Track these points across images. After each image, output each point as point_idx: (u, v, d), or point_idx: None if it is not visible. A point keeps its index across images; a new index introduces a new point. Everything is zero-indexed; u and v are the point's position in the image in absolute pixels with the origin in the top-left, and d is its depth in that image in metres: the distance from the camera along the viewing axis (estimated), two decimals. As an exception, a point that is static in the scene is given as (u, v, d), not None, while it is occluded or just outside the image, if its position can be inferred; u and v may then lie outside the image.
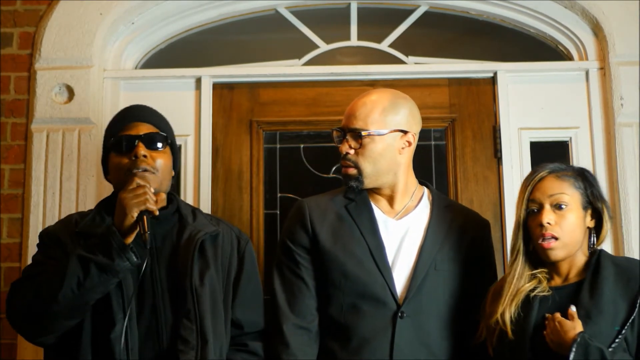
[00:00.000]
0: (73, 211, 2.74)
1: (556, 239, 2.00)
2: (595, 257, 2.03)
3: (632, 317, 1.91)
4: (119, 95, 2.99)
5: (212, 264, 2.11)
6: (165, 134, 2.17)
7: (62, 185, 2.81)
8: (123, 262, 1.92)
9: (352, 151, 2.17)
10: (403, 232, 2.19)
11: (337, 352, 2.11)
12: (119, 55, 3.02)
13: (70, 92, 2.87)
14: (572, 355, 1.83)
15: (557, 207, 2.02)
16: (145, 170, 2.08)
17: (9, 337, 2.71)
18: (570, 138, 2.93)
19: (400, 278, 2.13)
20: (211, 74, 3.00)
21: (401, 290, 2.12)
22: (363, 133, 2.15)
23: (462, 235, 2.22)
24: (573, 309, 1.93)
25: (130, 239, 1.95)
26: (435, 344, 2.11)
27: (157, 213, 1.98)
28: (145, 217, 1.94)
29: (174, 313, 2.02)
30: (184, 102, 2.98)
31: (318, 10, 3.15)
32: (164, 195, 2.16)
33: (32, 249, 2.73)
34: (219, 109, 2.99)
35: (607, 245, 2.79)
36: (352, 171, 2.18)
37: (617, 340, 1.89)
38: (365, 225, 2.18)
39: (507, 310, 1.99)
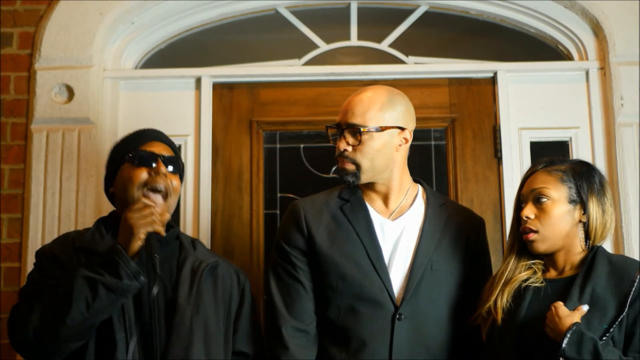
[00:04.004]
0: (73, 211, 2.76)
1: (535, 232, 2.03)
2: (592, 254, 2.04)
3: (621, 317, 1.91)
4: (119, 95, 2.98)
5: (212, 296, 2.10)
6: (180, 161, 2.18)
7: (62, 185, 2.81)
8: (131, 281, 1.89)
9: (349, 148, 2.15)
10: (398, 233, 2.18)
11: (336, 355, 2.10)
12: (118, 55, 3.02)
13: (70, 92, 2.87)
14: (565, 341, 1.83)
15: (537, 200, 2.04)
16: (160, 191, 2.07)
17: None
18: (571, 138, 2.93)
19: (396, 279, 2.13)
20: (211, 74, 2.99)
21: (398, 291, 2.11)
22: (362, 129, 2.13)
23: (457, 234, 2.22)
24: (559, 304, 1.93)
25: (134, 259, 1.93)
26: (434, 345, 2.11)
27: (164, 234, 1.97)
28: (152, 239, 1.94)
29: (167, 344, 1.98)
30: (183, 102, 2.98)
31: (318, 10, 3.14)
32: (168, 216, 2.09)
33: (32, 249, 2.73)
34: (219, 109, 2.98)
35: (607, 245, 2.80)
36: (350, 166, 2.16)
37: (604, 338, 1.89)
38: (361, 227, 2.17)
39: (500, 297, 2.02)
